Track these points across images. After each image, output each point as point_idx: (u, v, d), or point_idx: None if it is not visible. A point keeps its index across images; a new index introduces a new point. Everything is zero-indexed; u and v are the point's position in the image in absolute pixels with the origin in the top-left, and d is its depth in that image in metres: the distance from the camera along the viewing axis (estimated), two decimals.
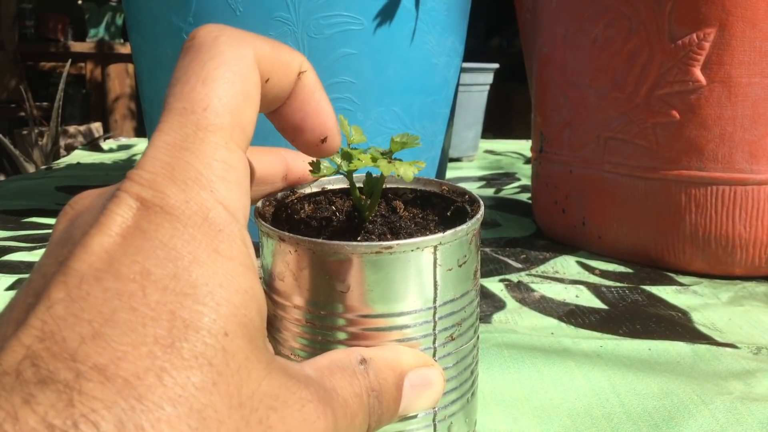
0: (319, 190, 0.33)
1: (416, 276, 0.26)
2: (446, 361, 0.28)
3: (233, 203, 0.21)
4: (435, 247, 0.26)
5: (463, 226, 0.27)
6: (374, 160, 0.28)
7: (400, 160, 0.29)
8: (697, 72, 0.58)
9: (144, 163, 0.21)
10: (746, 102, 0.58)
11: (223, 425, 0.18)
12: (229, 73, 0.22)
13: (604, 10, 0.63)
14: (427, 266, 0.26)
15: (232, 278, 0.20)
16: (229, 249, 0.20)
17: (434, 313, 0.27)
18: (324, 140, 0.27)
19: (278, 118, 0.27)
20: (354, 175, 0.30)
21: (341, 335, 0.26)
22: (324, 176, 0.29)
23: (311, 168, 0.29)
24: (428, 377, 0.26)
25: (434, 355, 0.28)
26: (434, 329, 0.27)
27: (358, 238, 0.29)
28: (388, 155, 0.30)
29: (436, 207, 0.32)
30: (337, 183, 0.34)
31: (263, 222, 0.28)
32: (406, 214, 0.31)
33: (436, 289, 0.27)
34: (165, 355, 0.17)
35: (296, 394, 0.20)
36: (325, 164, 0.29)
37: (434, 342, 0.28)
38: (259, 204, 0.30)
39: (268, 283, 0.28)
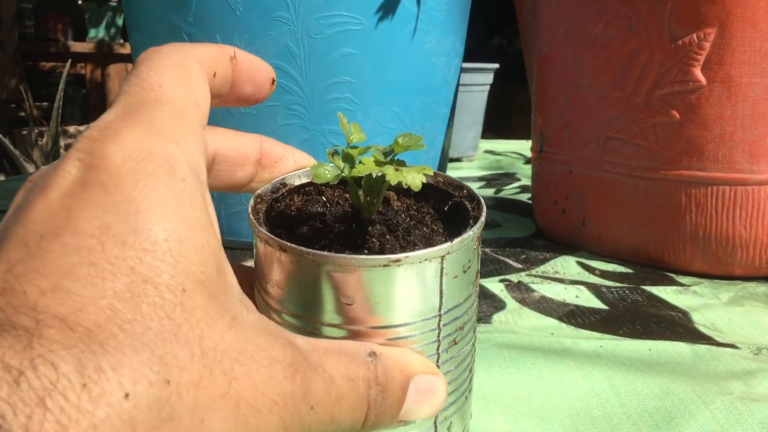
0: (309, 180, 0.32)
1: (422, 286, 0.26)
2: (448, 364, 0.28)
3: (196, 159, 0.22)
4: (442, 258, 0.26)
5: (470, 232, 0.26)
6: (379, 164, 0.27)
7: (403, 162, 0.28)
8: (697, 72, 0.58)
9: (103, 118, 0.21)
10: (746, 102, 0.58)
11: (185, 371, 0.18)
12: (176, 63, 0.24)
13: (604, 9, 0.63)
14: (434, 276, 0.26)
15: (191, 233, 0.20)
16: (190, 203, 0.20)
17: (439, 321, 0.27)
18: (273, 81, 0.29)
19: (233, 98, 0.29)
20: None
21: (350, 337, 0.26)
22: (327, 181, 0.28)
23: (314, 176, 0.27)
24: (433, 385, 0.26)
25: (437, 361, 0.27)
26: (438, 336, 0.27)
27: (359, 241, 0.28)
28: (390, 156, 0.29)
29: (429, 199, 0.31)
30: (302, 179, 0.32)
31: (261, 228, 0.27)
32: (399, 204, 0.31)
33: (441, 297, 0.26)
34: (125, 308, 0.17)
35: (265, 351, 0.20)
36: (327, 168, 0.28)
37: (438, 348, 0.27)
38: (252, 202, 0.29)
39: (263, 286, 0.27)
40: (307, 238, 0.28)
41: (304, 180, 0.32)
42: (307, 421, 0.21)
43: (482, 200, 0.29)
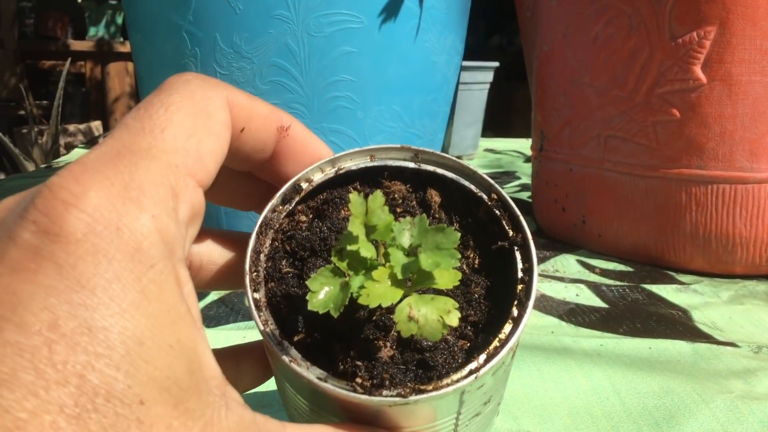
0: (333, 174, 0.27)
1: (437, 409, 0.23)
2: (469, 429, 0.26)
3: (172, 233, 0.19)
4: (462, 393, 0.22)
5: (504, 351, 0.22)
6: (395, 283, 0.22)
7: (431, 276, 0.22)
8: (698, 70, 0.58)
9: (75, 170, 0.18)
10: (747, 100, 0.58)
11: None
12: (195, 104, 0.21)
13: (605, 8, 0.63)
14: (452, 401, 0.23)
15: (156, 331, 0.17)
16: (158, 295, 0.18)
17: (457, 417, 0.24)
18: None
19: (271, 173, 0.25)
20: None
21: None
22: (324, 311, 0.22)
23: (309, 303, 0.22)
24: None
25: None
26: (456, 422, 0.24)
27: (370, 356, 0.23)
28: (412, 263, 0.22)
29: (478, 224, 0.27)
30: (355, 159, 0.27)
31: (268, 340, 0.23)
32: (435, 225, 0.24)
33: (461, 405, 0.23)
34: (69, 427, 0.15)
35: None
36: (323, 285, 0.22)
37: (456, 428, 0.25)
38: (252, 242, 0.25)
39: (275, 370, 0.25)
40: (317, 336, 0.24)
41: (328, 174, 0.27)
42: None
43: (535, 263, 0.24)
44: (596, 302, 0.56)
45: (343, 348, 0.23)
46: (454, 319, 0.21)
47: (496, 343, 0.22)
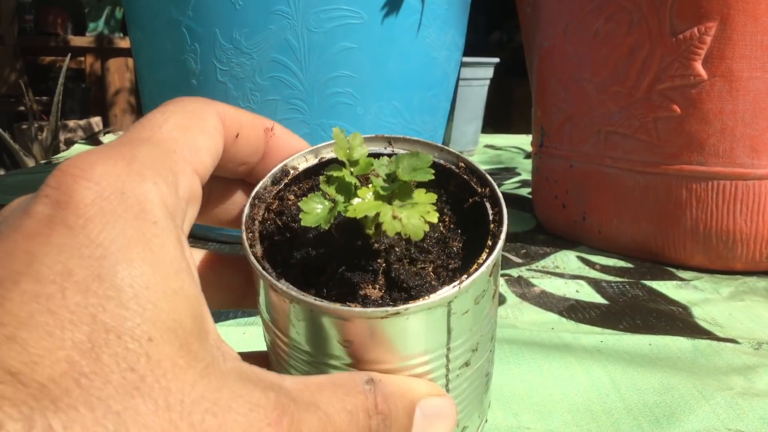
0: (317, 160, 0.29)
1: (427, 330, 0.24)
2: (460, 385, 0.27)
3: (172, 201, 0.21)
4: (449, 303, 0.24)
5: (483, 269, 0.24)
6: (378, 198, 0.25)
7: (409, 188, 0.25)
8: (698, 66, 0.58)
9: (82, 154, 0.20)
10: (747, 96, 0.58)
11: (145, 428, 0.17)
12: (189, 111, 0.24)
13: (605, 4, 0.63)
14: (440, 318, 0.24)
15: (161, 279, 0.19)
16: (161, 246, 0.19)
17: (447, 354, 0.25)
18: None
19: (262, 175, 0.28)
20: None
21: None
22: (317, 224, 0.25)
23: (302, 216, 0.25)
24: (441, 408, 0.25)
25: (447, 385, 0.26)
26: (447, 366, 0.26)
27: (362, 275, 0.25)
28: (393, 184, 0.25)
29: (450, 195, 0.29)
30: (332, 149, 0.29)
31: (256, 263, 0.24)
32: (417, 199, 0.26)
33: (449, 334, 0.25)
34: (84, 360, 0.17)
35: (244, 397, 0.19)
36: (317, 203, 0.25)
37: (447, 375, 0.26)
38: (246, 210, 0.27)
39: (266, 319, 0.26)
40: (307, 263, 0.26)
41: (311, 162, 0.29)
42: None
43: (504, 206, 0.27)
44: (596, 298, 0.56)
45: (335, 291, 0.25)
46: (433, 217, 0.24)
47: (474, 266, 0.24)
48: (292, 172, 0.28)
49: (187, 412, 0.18)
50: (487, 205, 0.27)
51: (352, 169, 0.26)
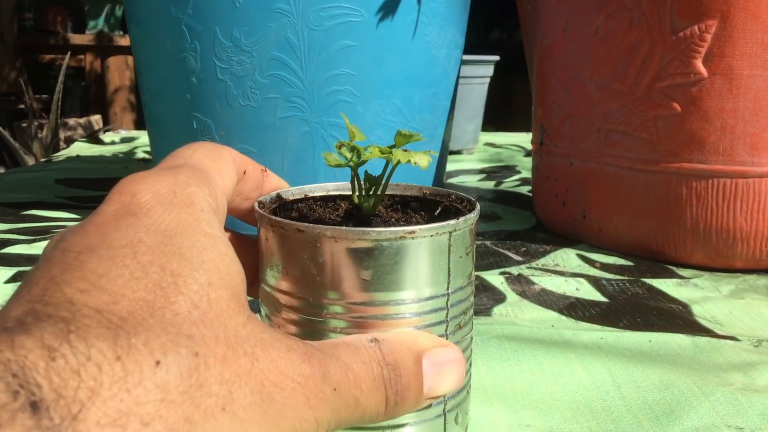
0: (301, 197, 0.33)
1: (433, 261, 0.27)
2: (456, 340, 0.29)
3: (212, 201, 0.25)
4: (450, 234, 0.27)
5: (471, 215, 0.28)
6: (384, 152, 0.29)
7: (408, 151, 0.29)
8: (699, 64, 0.58)
9: (133, 174, 0.24)
10: (748, 94, 0.58)
11: (210, 349, 0.19)
12: (209, 148, 0.28)
13: (605, 2, 0.63)
14: (443, 252, 0.27)
15: (213, 246, 0.22)
16: (210, 226, 0.23)
17: (447, 300, 0.28)
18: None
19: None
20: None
21: (357, 326, 0.27)
22: (338, 165, 0.29)
23: (326, 160, 0.30)
24: (448, 355, 0.27)
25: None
26: (447, 316, 0.28)
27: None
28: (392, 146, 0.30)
29: (417, 210, 0.33)
30: (317, 191, 0.34)
31: (270, 215, 0.28)
32: (391, 214, 0.32)
33: (449, 275, 0.28)
34: (155, 298, 0.19)
35: (281, 341, 0.22)
36: (333, 155, 0.30)
37: (446, 329, 0.28)
38: (255, 205, 0.30)
39: (274, 283, 0.28)
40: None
41: (298, 196, 0.33)
42: (333, 403, 0.22)
43: (473, 199, 0.31)
44: (596, 296, 0.56)
45: None
46: (435, 154, 0.30)
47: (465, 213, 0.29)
48: (283, 198, 0.33)
49: (240, 343, 0.20)
50: (456, 205, 0.32)
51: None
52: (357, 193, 0.31)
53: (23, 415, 0.15)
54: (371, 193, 0.31)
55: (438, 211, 0.32)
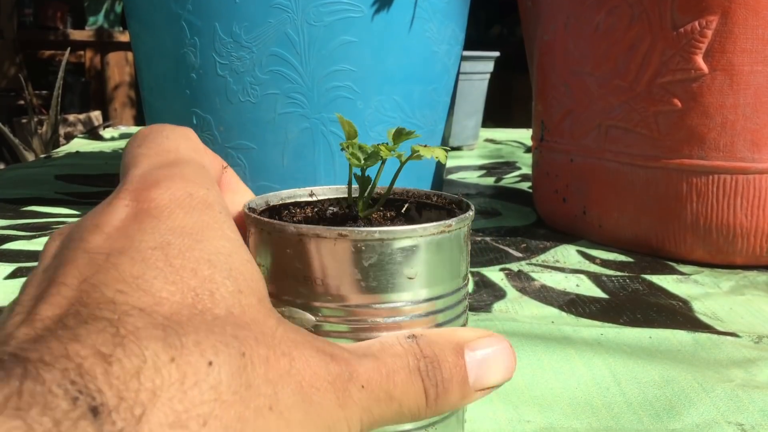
0: (291, 201, 0.32)
1: (460, 252, 0.27)
2: None
3: (222, 201, 0.25)
4: (468, 225, 0.28)
5: (471, 212, 0.28)
6: (391, 150, 0.29)
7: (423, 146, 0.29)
8: (699, 60, 0.58)
9: (133, 173, 0.24)
10: (748, 90, 0.57)
11: (254, 350, 0.20)
12: (183, 137, 0.28)
13: None
14: (465, 242, 0.28)
15: (236, 250, 0.22)
16: (231, 230, 0.23)
17: (466, 293, 0.28)
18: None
19: None
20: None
21: (393, 326, 0.26)
22: (358, 166, 0.29)
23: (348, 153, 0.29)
24: (493, 344, 0.26)
25: None
26: (466, 309, 0.29)
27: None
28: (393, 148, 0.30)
29: (399, 209, 0.32)
30: (299, 197, 0.33)
31: (296, 224, 0.25)
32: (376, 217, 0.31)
33: (467, 265, 0.28)
34: (194, 301, 0.20)
35: (310, 342, 0.22)
36: (356, 152, 0.29)
37: (466, 322, 0.29)
38: (245, 210, 0.28)
39: (307, 291, 0.26)
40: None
41: (287, 201, 0.32)
42: (363, 401, 0.22)
43: (465, 200, 0.30)
44: (597, 293, 0.56)
45: None
46: (447, 148, 0.30)
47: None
48: (270, 204, 0.32)
49: (277, 344, 0.21)
50: (454, 207, 0.31)
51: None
52: (358, 196, 0.30)
53: (84, 422, 0.15)
54: (367, 194, 0.30)
55: (404, 209, 0.32)
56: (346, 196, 0.33)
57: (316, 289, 0.25)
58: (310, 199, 0.33)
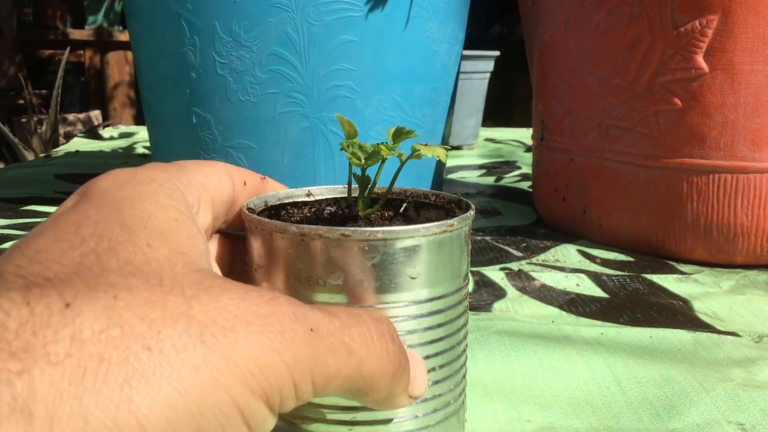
0: (289, 200, 0.32)
1: (461, 252, 0.27)
2: (464, 344, 0.29)
3: (177, 185, 0.24)
4: (469, 224, 0.28)
5: (471, 212, 0.28)
6: (392, 149, 0.29)
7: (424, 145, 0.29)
8: (700, 59, 0.58)
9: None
10: (749, 89, 0.57)
11: (134, 293, 0.18)
12: (200, 161, 0.28)
13: None
14: (466, 241, 0.28)
15: (162, 213, 0.22)
16: (168, 197, 0.23)
17: (466, 292, 0.28)
18: None
19: None
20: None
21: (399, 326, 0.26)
22: (358, 165, 0.29)
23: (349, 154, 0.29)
24: (417, 358, 0.26)
25: (466, 336, 0.29)
26: (466, 309, 0.29)
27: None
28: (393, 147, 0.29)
29: (397, 209, 0.32)
30: (298, 197, 0.32)
31: (297, 224, 0.25)
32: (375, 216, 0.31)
33: (468, 264, 0.28)
34: (88, 262, 0.19)
35: (240, 287, 0.20)
36: (357, 152, 0.29)
37: (466, 324, 0.29)
38: (244, 210, 0.28)
39: (301, 289, 0.26)
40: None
41: (285, 201, 0.32)
42: (312, 346, 0.20)
43: (464, 199, 0.30)
44: (597, 292, 0.56)
45: None
46: (448, 147, 0.30)
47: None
48: (268, 203, 0.31)
49: (178, 287, 0.19)
50: (453, 206, 0.31)
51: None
52: (358, 195, 0.30)
53: None
54: (367, 193, 0.30)
55: (402, 208, 0.31)
56: (344, 196, 0.33)
57: (318, 290, 0.25)
58: (308, 199, 0.33)
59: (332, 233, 0.24)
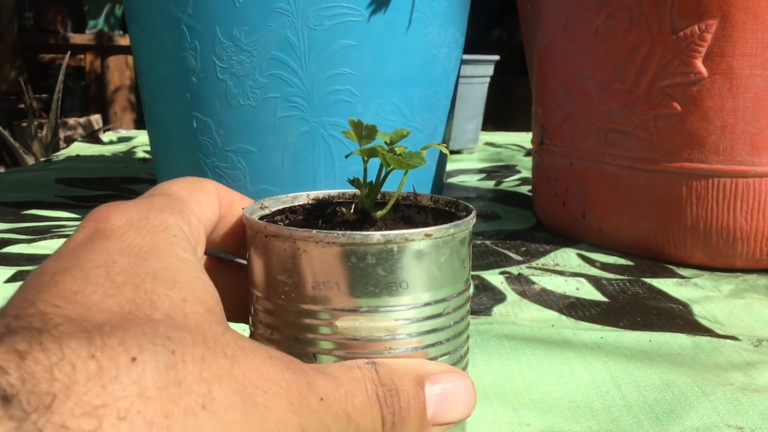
0: (291, 205, 0.32)
1: (462, 256, 0.27)
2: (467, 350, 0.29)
3: (187, 229, 0.25)
4: (470, 228, 0.28)
5: (473, 215, 0.28)
6: (381, 151, 0.29)
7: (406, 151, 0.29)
8: (699, 64, 0.58)
9: (106, 204, 0.25)
10: (748, 94, 0.58)
11: (188, 347, 0.19)
12: (190, 181, 0.28)
13: (605, 1, 0.63)
14: (467, 245, 0.28)
15: (186, 268, 0.22)
16: (183, 250, 0.23)
17: (467, 296, 0.28)
18: None
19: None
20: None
21: (387, 337, 0.26)
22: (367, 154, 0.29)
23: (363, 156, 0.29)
24: (455, 379, 0.26)
25: (467, 340, 0.29)
26: (468, 313, 0.28)
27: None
28: (391, 149, 0.29)
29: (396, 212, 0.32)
30: (298, 200, 0.32)
31: (302, 228, 0.25)
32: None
33: (470, 269, 0.28)
34: (131, 310, 0.20)
35: (264, 350, 0.21)
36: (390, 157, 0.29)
37: (468, 328, 0.29)
38: (244, 214, 0.28)
39: (296, 296, 0.26)
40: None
41: (285, 205, 0.31)
42: (320, 414, 0.22)
43: (463, 203, 0.30)
44: (596, 296, 0.56)
45: None
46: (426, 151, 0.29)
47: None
48: (267, 207, 0.31)
49: (220, 346, 0.20)
50: (452, 209, 0.31)
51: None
52: (364, 196, 0.30)
53: None
54: (371, 197, 0.30)
55: (401, 212, 0.31)
56: (344, 199, 0.33)
57: (319, 293, 0.25)
58: (307, 202, 0.32)
59: (335, 238, 0.24)
